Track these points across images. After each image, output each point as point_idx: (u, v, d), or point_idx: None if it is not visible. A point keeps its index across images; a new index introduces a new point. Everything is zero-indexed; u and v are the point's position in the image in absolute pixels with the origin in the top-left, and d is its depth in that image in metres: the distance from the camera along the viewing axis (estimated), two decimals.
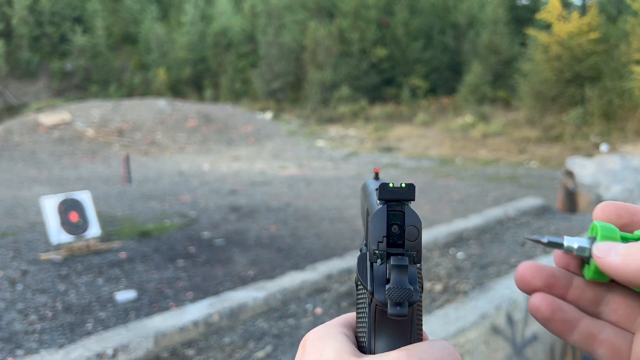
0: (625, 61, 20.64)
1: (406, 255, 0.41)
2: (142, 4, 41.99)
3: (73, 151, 21.45)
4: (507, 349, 3.62)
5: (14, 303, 5.45)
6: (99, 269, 6.61)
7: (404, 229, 0.41)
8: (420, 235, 0.41)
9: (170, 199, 11.70)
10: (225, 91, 33.98)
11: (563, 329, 0.44)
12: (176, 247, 7.66)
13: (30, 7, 36.67)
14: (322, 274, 5.51)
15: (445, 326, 3.42)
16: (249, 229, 8.77)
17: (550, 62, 22.45)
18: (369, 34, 30.77)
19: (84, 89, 36.62)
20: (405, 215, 0.42)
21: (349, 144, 23.49)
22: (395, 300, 0.38)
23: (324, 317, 4.80)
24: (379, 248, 0.41)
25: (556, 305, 0.44)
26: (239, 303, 4.71)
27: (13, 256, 7.01)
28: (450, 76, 31.27)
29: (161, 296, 5.73)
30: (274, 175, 15.79)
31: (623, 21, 23.95)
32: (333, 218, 9.61)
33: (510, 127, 22.47)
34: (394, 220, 0.42)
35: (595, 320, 0.44)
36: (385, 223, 0.42)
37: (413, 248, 0.41)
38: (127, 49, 40.69)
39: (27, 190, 13.01)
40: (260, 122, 27.32)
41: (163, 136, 23.78)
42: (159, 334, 4.05)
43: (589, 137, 20.19)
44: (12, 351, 4.40)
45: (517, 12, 33.36)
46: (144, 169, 17.20)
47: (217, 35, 35.89)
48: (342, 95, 28.69)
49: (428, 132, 23.99)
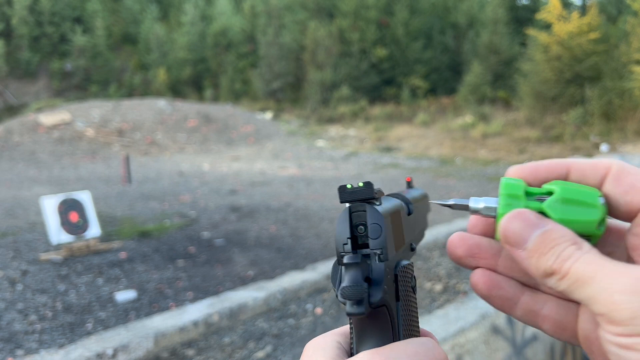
0: (625, 61, 20.65)
1: (372, 254, 0.40)
2: (142, 4, 42.01)
3: (73, 151, 21.45)
4: (507, 348, 3.62)
5: (14, 303, 5.45)
6: (99, 269, 6.61)
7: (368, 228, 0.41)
8: (383, 232, 0.41)
9: (170, 199, 11.70)
10: (225, 91, 33.99)
11: (504, 305, 0.43)
12: (176, 247, 7.65)
13: (30, 7, 36.67)
14: (322, 274, 5.51)
15: (445, 326, 3.42)
16: (249, 229, 8.77)
17: (550, 62, 22.46)
18: (369, 34, 30.78)
19: (84, 89, 36.62)
20: (367, 214, 0.41)
21: (349, 144, 23.49)
22: (347, 298, 0.38)
23: (324, 317, 4.80)
24: (344, 250, 0.41)
25: (493, 282, 0.43)
26: (239, 303, 4.71)
27: (13, 256, 7.01)
28: (450, 76, 31.28)
29: (161, 296, 5.73)
30: (273, 175, 15.79)
31: (623, 21, 23.97)
32: (333, 218, 9.61)
33: (510, 127, 22.48)
34: (359, 221, 0.42)
35: (536, 294, 0.43)
36: (347, 225, 0.41)
37: (377, 246, 0.41)
38: (127, 49, 40.69)
39: (27, 190, 13.01)
40: (260, 122, 27.32)
41: (163, 136, 23.78)
42: (159, 334, 4.05)
43: (589, 137, 20.19)
44: (12, 351, 4.40)
45: (517, 12, 33.38)
46: (144, 169, 17.20)
47: (217, 35, 35.90)
48: (342, 95, 28.70)
49: (428, 132, 23.99)
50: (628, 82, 20.33)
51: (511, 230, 0.39)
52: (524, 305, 0.43)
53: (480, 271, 0.44)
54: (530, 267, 0.38)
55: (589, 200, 0.39)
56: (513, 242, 0.39)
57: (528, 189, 0.41)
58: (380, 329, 0.41)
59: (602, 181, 0.40)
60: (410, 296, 0.46)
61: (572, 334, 0.42)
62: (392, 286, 0.43)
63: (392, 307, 0.42)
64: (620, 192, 0.39)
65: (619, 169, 0.39)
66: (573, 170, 0.41)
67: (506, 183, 0.41)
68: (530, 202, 0.40)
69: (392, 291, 0.43)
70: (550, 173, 0.41)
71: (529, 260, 0.38)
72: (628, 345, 0.33)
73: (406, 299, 0.45)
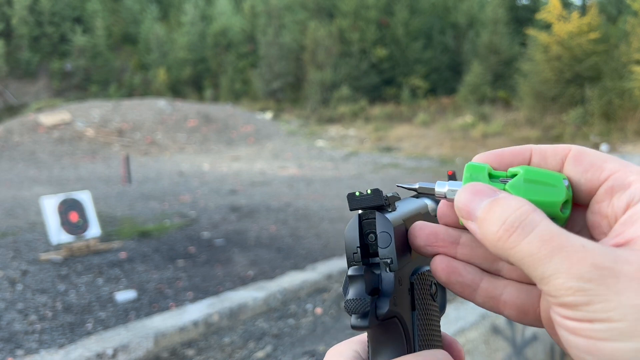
0: (625, 61, 20.65)
1: (381, 263, 0.39)
2: (142, 4, 42.00)
3: (73, 151, 21.45)
4: (507, 349, 3.62)
5: (14, 303, 5.45)
6: (99, 269, 6.61)
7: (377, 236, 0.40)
8: (392, 241, 0.39)
9: (170, 199, 11.70)
10: (225, 91, 33.99)
11: (464, 292, 0.43)
12: (176, 247, 7.65)
13: (30, 7, 36.67)
14: (322, 274, 5.51)
15: (445, 326, 3.42)
16: (249, 229, 8.77)
17: (550, 62, 22.46)
18: (369, 34, 30.78)
19: (84, 89, 36.62)
20: (376, 222, 0.40)
21: (349, 144, 23.49)
22: (350, 312, 0.36)
23: (324, 317, 4.80)
24: (353, 259, 0.40)
25: (451, 268, 0.42)
26: (239, 303, 4.71)
27: (13, 256, 7.01)
28: (450, 76, 31.28)
29: (161, 296, 5.73)
30: (274, 175, 15.79)
31: (623, 21, 23.97)
32: (333, 218, 9.61)
33: (510, 127, 22.48)
34: (370, 229, 0.40)
35: (495, 280, 0.42)
36: (357, 233, 0.40)
37: (386, 255, 0.39)
38: (127, 49, 40.69)
39: (27, 190, 13.01)
40: (260, 122, 27.32)
41: (163, 136, 23.78)
42: (159, 334, 4.05)
43: (589, 137, 20.19)
44: (12, 351, 4.40)
45: (517, 12, 33.39)
46: (144, 169, 17.20)
47: (217, 35, 35.90)
48: (342, 95, 28.70)
49: (428, 132, 23.99)
50: (628, 82, 20.33)
51: (462, 202, 0.38)
52: (483, 291, 0.42)
53: (439, 257, 0.43)
54: (482, 240, 0.37)
55: (552, 181, 0.38)
56: (465, 213, 0.38)
57: (492, 172, 0.40)
58: (393, 340, 0.40)
59: (562, 163, 0.40)
60: (429, 304, 0.44)
61: (535, 318, 0.41)
62: (407, 295, 0.42)
63: (406, 318, 0.41)
64: (580, 170, 0.39)
65: (577, 151, 0.40)
66: (535, 154, 0.41)
67: (470, 165, 0.40)
68: (494, 183, 0.39)
69: (407, 301, 0.41)
70: (515, 157, 0.41)
71: (480, 231, 0.37)
72: (576, 330, 0.33)
73: (424, 307, 0.43)
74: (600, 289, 0.31)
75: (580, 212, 0.40)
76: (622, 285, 0.31)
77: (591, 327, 0.32)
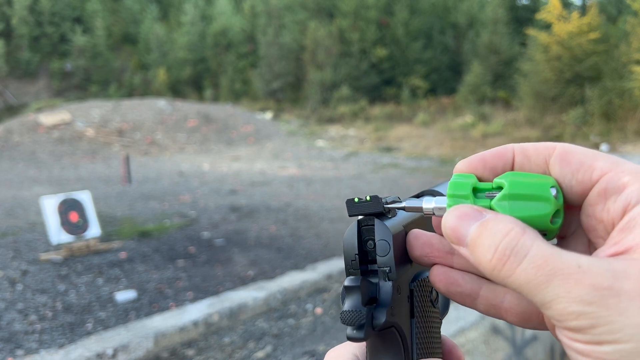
0: (625, 61, 20.65)
1: (380, 272, 0.38)
2: (142, 4, 42.01)
3: (73, 151, 21.45)
4: (507, 349, 3.62)
5: (14, 303, 5.45)
6: (99, 269, 6.61)
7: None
8: (390, 250, 0.38)
9: (170, 199, 11.70)
10: (225, 91, 33.99)
11: (465, 301, 0.42)
12: (176, 247, 7.65)
13: (30, 7, 36.67)
14: (322, 274, 5.51)
15: (445, 326, 3.41)
16: (249, 229, 8.77)
17: (550, 62, 22.46)
18: (369, 34, 30.78)
19: (84, 89, 36.62)
20: (375, 230, 0.39)
21: (349, 144, 23.49)
22: (345, 323, 0.36)
23: (324, 317, 4.80)
24: (352, 266, 0.39)
25: (449, 278, 0.41)
26: (239, 303, 4.71)
27: (13, 256, 7.01)
28: (450, 76, 31.28)
29: (161, 296, 5.73)
30: (273, 175, 15.79)
31: (623, 21, 23.97)
32: (333, 218, 9.61)
33: (510, 127, 22.48)
34: (369, 236, 0.39)
35: (495, 287, 0.41)
36: (355, 240, 0.39)
37: (385, 264, 0.38)
38: (127, 49, 40.70)
39: (27, 190, 13.01)
40: (260, 122, 27.32)
41: (163, 136, 23.78)
42: (159, 334, 4.05)
43: (589, 137, 20.19)
44: (12, 351, 4.40)
45: (517, 12, 33.39)
46: (144, 169, 17.20)
47: (217, 35, 35.90)
48: (342, 95, 28.70)
49: (428, 132, 23.99)
50: (628, 82, 20.34)
51: (449, 227, 0.36)
52: (484, 299, 0.41)
53: (437, 268, 0.42)
54: (477, 266, 0.35)
55: (538, 192, 0.35)
56: (454, 239, 0.36)
57: (478, 185, 0.38)
58: (390, 349, 0.40)
59: (547, 163, 0.38)
60: (429, 311, 0.43)
61: (539, 322, 0.40)
62: (406, 303, 0.41)
63: (404, 326, 0.40)
64: (570, 171, 0.37)
65: (564, 150, 0.38)
66: (517, 154, 0.39)
67: (453, 182, 0.38)
68: (479, 200, 0.37)
69: (405, 309, 0.41)
70: (498, 159, 0.39)
71: (473, 258, 0.35)
72: (585, 352, 0.32)
73: (423, 314, 0.43)
74: (602, 310, 0.30)
75: (575, 212, 0.39)
76: (624, 305, 0.30)
77: (600, 349, 0.31)
